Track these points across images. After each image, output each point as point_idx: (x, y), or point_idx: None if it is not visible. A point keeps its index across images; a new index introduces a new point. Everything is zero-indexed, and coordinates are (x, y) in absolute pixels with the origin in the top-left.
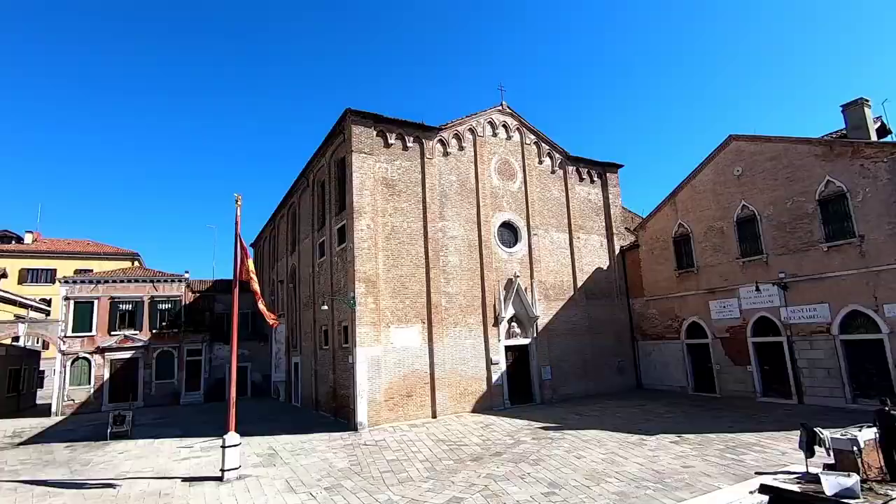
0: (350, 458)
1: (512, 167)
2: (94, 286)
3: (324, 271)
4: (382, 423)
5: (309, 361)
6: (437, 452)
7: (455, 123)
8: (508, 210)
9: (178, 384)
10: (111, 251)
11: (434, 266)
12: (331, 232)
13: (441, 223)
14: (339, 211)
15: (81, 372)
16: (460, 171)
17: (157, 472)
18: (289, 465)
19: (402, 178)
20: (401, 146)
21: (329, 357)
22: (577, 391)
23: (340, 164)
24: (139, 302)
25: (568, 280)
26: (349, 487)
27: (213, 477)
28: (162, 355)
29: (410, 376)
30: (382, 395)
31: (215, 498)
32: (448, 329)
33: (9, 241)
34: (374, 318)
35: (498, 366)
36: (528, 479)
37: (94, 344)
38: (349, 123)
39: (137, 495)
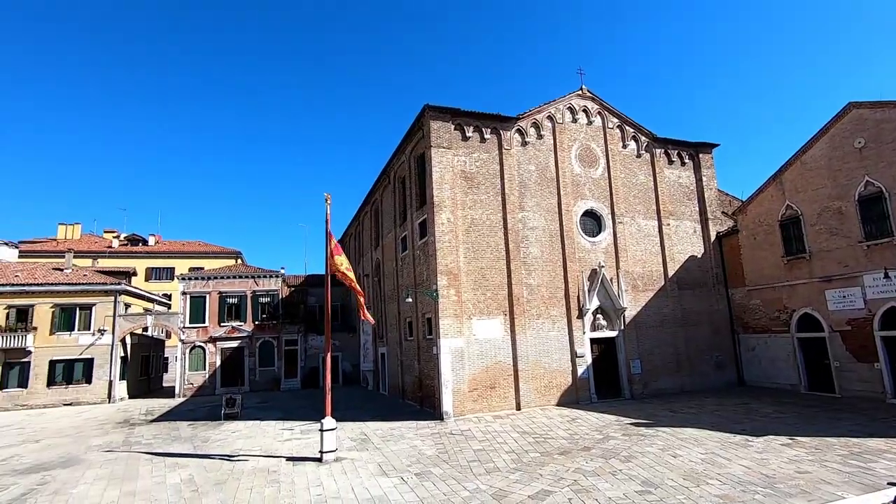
0: (437, 446)
1: (593, 153)
2: (205, 282)
3: (406, 265)
4: (467, 413)
5: (395, 352)
6: (522, 444)
7: (533, 112)
8: (591, 198)
9: (278, 371)
10: (218, 250)
11: (515, 258)
12: (412, 226)
13: (521, 214)
14: (420, 206)
15: (198, 359)
16: (539, 160)
17: (265, 450)
18: (380, 450)
19: (481, 170)
20: (478, 138)
21: (414, 348)
22: (669, 386)
23: (420, 159)
24: (243, 296)
25: (657, 269)
26: (438, 474)
27: (313, 458)
28: (264, 345)
29: (493, 368)
30: (466, 386)
31: (316, 477)
32: (530, 321)
33: (136, 243)
34: (456, 309)
35: (583, 359)
36: (619, 475)
37: (207, 334)
38: (427, 119)
39: (250, 471)
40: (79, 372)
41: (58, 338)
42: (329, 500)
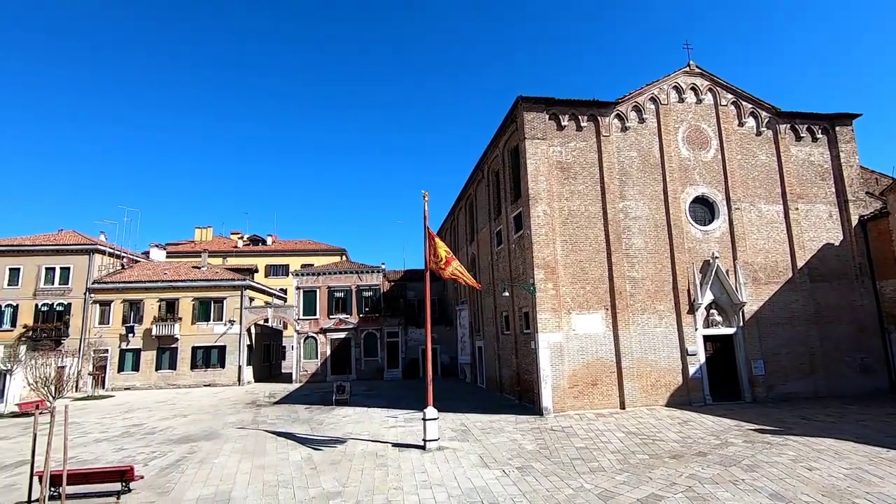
0: (538, 441)
1: (704, 134)
2: (315, 278)
3: (502, 259)
4: (567, 409)
5: (492, 346)
6: (628, 445)
7: (633, 94)
8: (702, 183)
9: (381, 362)
10: (325, 248)
11: (616, 250)
12: (507, 220)
13: (622, 203)
14: (515, 199)
15: (311, 348)
16: (641, 145)
17: (372, 435)
18: (480, 442)
19: (578, 159)
20: (574, 127)
21: (511, 342)
22: (799, 390)
23: (514, 152)
24: (348, 290)
25: (783, 259)
26: (539, 470)
27: (417, 445)
28: (368, 336)
29: (594, 364)
30: (566, 382)
31: (420, 464)
32: (634, 316)
33: (257, 243)
34: (554, 304)
35: (695, 357)
36: (742, 485)
37: (318, 325)
38: (521, 111)
39: (360, 454)
40: (214, 357)
41: (197, 327)
42: (433, 487)
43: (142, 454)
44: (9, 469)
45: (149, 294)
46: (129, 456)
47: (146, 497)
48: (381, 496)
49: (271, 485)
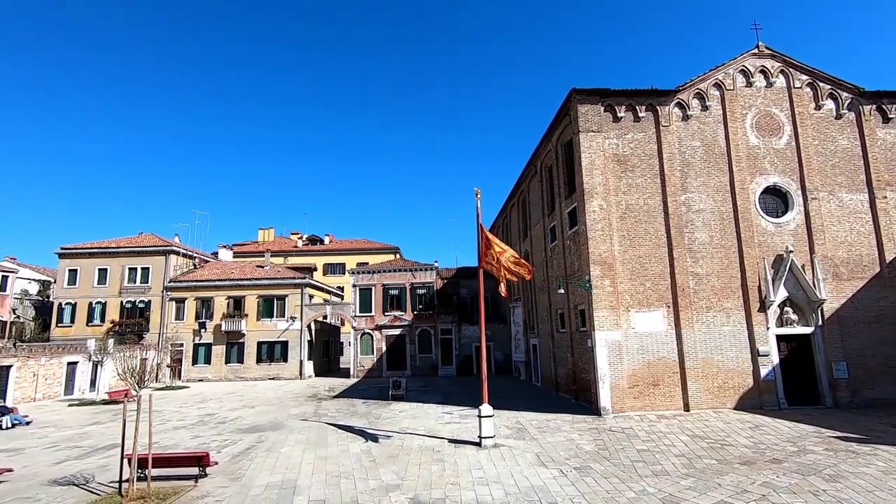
0: (596, 441)
1: (775, 120)
2: (370, 276)
3: (556, 255)
4: (627, 410)
5: (546, 343)
6: (694, 449)
7: (696, 81)
8: (773, 172)
9: (435, 359)
10: (379, 246)
11: (678, 244)
12: (561, 216)
13: (684, 196)
14: (569, 194)
15: (367, 344)
16: (705, 134)
17: (428, 431)
18: (537, 441)
19: (635, 151)
20: (631, 118)
21: (566, 340)
22: (890, 396)
23: (567, 146)
24: (402, 288)
25: (869, 253)
26: (599, 471)
27: (472, 442)
28: (422, 333)
29: (656, 364)
30: (626, 382)
31: (476, 461)
32: (699, 314)
33: (315, 242)
34: (611, 301)
35: (767, 358)
36: (823, 497)
37: (373, 322)
38: (574, 103)
39: (417, 448)
40: (277, 352)
41: (262, 323)
42: (490, 484)
43: (215, 441)
44: (102, 451)
45: (218, 292)
46: (203, 443)
47: (220, 482)
48: (438, 491)
49: (333, 475)
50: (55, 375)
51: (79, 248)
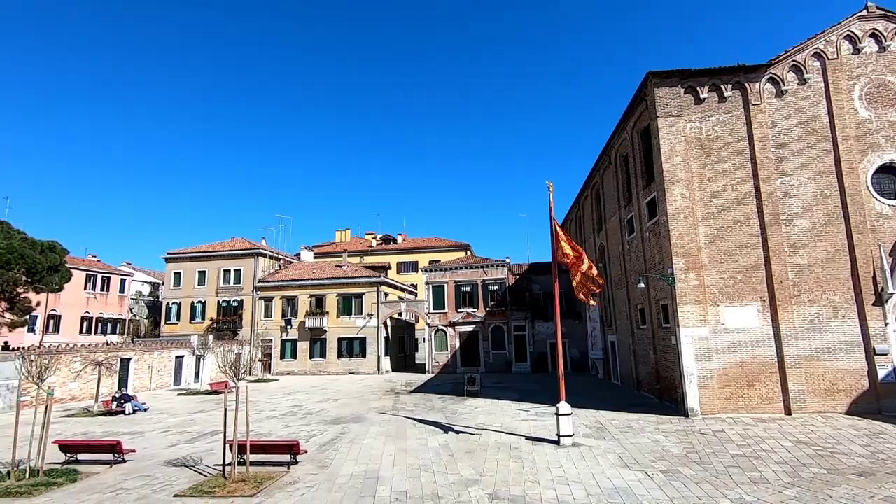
0: (684, 444)
1: (891, 89)
2: (443, 273)
3: (635, 248)
4: (718, 412)
5: (626, 340)
6: (798, 456)
7: (791, 52)
8: (889, 148)
9: (509, 355)
10: (450, 244)
11: (773, 233)
12: (639, 207)
13: (779, 180)
14: (647, 183)
15: (441, 340)
16: (803, 110)
17: (505, 427)
18: (618, 441)
19: (721, 134)
20: (716, 99)
21: (648, 337)
22: None
23: (644, 133)
24: (474, 285)
25: None
26: (688, 475)
27: (550, 440)
28: (495, 330)
29: (750, 363)
30: (716, 382)
31: (555, 459)
32: (800, 309)
33: (388, 242)
34: (697, 295)
35: (886, 357)
36: None
37: (447, 319)
38: (651, 88)
39: (494, 444)
40: (356, 348)
41: (341, 320)
42: (571, 484)
43: (303, 431)
44: (207, 437)
45: (301, 291)
46: (293, 432)
47: (310, 469)
48: (517, 488)
49: (414, 468)
50: (165, 367)
51: (181, 253)
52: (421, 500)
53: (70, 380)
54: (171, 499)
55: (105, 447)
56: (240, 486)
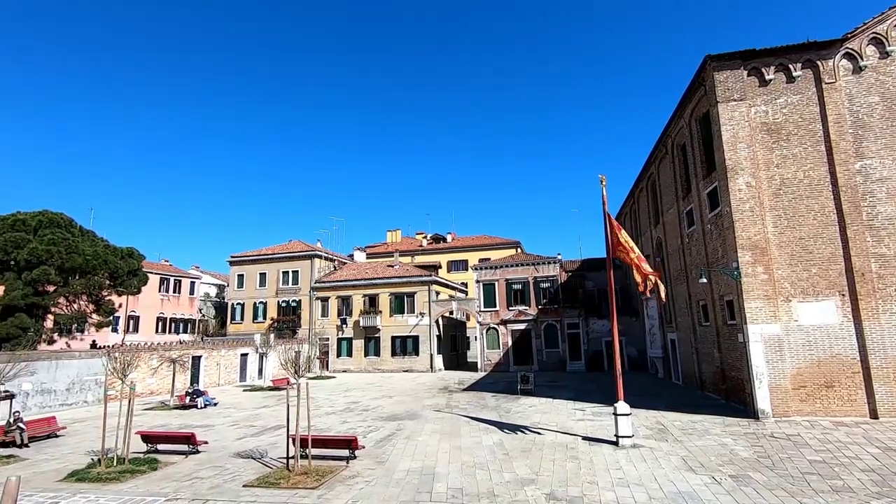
0: (754, 448)
1: None
2: (493, 271)
3: (695, 242)
4: (792, 414)
5: (687, 338)
6: (888, 464)
7: (870, 24)
8: None
9: (563, 353)
10: (500, 241)
11: (854, 221)
12: (699, 198)
13: (859, 163)
14: (708, 173)
15: (493, 339)
16: (886, 86)
17: (560, 427)
18: (681, 443)
19: (790, 117)
20: (783, 79)
21: (711, 334)
22: None
23: (703, 120)
24: (525, 282)
25: None
26: (760, 481)
27: (608, 440)
28: (548, 328)
29: (828, 362)
30: (789, 382)
31: (614, 460)
32: (886, 303)
33: (438, 241)
34: (766, 290)
35: None
36: None
37: (498, 317)
38: (710, 72)
39: (549, 444)
40: (409, 346)
41: (394, 319)
42: (631, 486)
43: (360, 427)
44: (271, 431)
45: (356, 291)
46: (351, 428)
47: (368, 464)
48: (575, 488)
49: (469, 465)
50: (232, 364)
51: (243, 256)
52: (477, 497)
53: (149, 375)
54: (240, 489)
55: (181, 438)
56: (303, 479)
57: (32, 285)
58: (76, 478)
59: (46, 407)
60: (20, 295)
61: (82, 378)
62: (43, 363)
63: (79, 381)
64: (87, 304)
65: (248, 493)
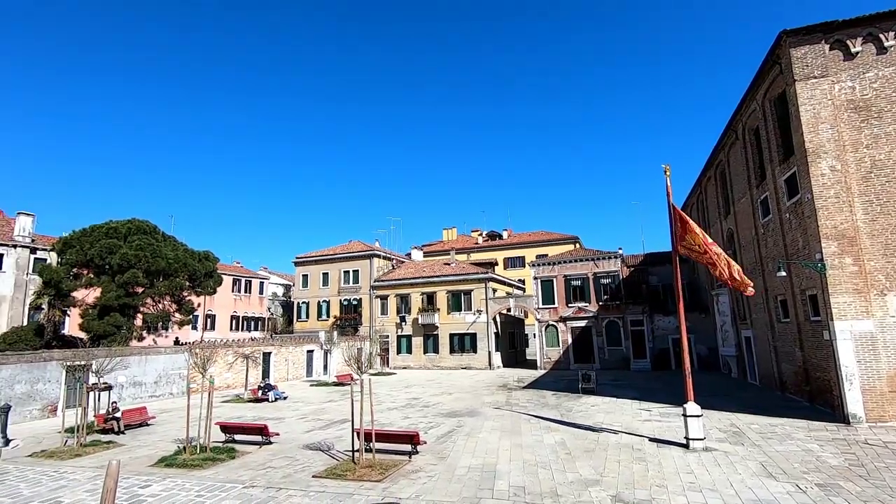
0: (845, 455)
1: None
2: (551, 267)
3: (771, 232)
4: (889, 419)
5: (764, 336)
6: None
7: None
8: None
9: (626, 351)
10: (557, 237)
11: None
12: (776, 185)
13: None
14: (785, 158)
15: (552, 336)
16: None
17: (625, 427)
18: (760, 448)
19: (882, 92)
20: (873, 51)
21: (792, 331)
22: None
23: (779, 101)
24: (585, 278)
25: None
26: (853, 491)
27: (678, 443)
28: (609, 325)
29: None
30: (885, 384)
31: (685, 464)
32: None
33: (494, 238)
34: (856, 283)
35: None
36: None
37: (557, 314)
38: (786, 48)
39: (614, 444)
40: (467, 343)
41: (451, 316)
42: (704, 491)
43: (422, 423)
44: (337, 424)
45: (413, 289)
46: (412, 423)
47: (429, 460)
48: (643, 492)
49: (531, 464)
50: (299, 360)
51: (307, 257)
52: (539, 496)
53: (225, 370)
54: (310, 479)
55: (255, 430)
56: (368, 472)
57: (124, 287)
58: (165, 463)
59: (138, 398)
60: (114, 296)
61: (168, 372)
62: (134, 358)
63: (165, 374)
64: (171, 304)
65: (317, 484)
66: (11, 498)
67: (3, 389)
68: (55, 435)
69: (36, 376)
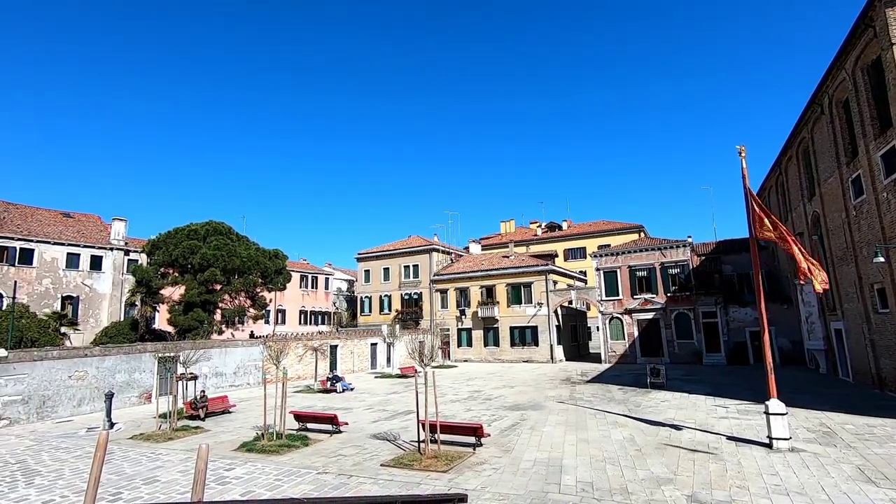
0: None
1: None
2: (614, 258)
3: (866, 214)
4: None
5: (858, 328)
6: None
7: None
8: None
9: (698, 345)
10: (621, 226)
11: None
12: (870, 161)
13: None
14: (882, 131)
15: (616, 329)
16: None
17: (699, 424)
18: (855, 450)
19: None
20: None
21: (892, 323)
22: None
23: (873, 68)
24: (651, 268)
25: None
26: None
27: (759, 442)
28: (679, 317)
29: None
30: None
31: (768, 465)
32: None
33: (554, 229)
34: None
35: None
36: None
37: (622, 306)
38: (880, 10)
39: (687, 441)
40: (528, 336)
41: (512, 309)
42: (791, 495)
43: (485, 416)
44: (402, 415)
45: (472, 282)
46: (475, 416)
47: (494, 452)
48: (721, 492)
49: (598, 459)
50: (363, 353)
51: (368, 253)
52: (609, 493)
53: (296, 362)
54: (378, 468)
55: (326, 419)
56: (433, 462)
57: (204, 284)
58: (246, 448)
59: (219, 388)
60: (196, 293)
61: (245, 363)
62: (216, 350)
63: (243, 365)
64: (245, 300)
65: (385, 472)
66: (118, 475)
67: (106, 378)
68: (150, 420)
69: (133, 366)
